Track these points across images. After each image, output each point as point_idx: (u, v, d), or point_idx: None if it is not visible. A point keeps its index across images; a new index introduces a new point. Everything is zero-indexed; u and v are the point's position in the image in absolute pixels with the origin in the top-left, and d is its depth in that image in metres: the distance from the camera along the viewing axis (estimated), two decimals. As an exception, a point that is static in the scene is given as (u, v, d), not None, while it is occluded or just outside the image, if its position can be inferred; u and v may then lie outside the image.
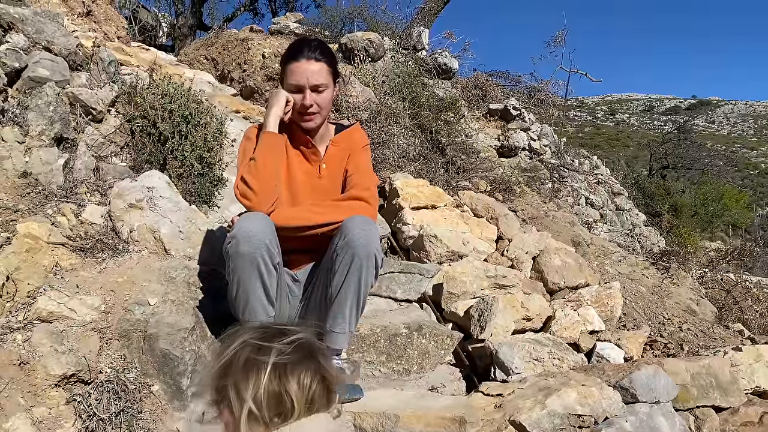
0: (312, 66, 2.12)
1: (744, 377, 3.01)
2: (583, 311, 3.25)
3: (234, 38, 6.31)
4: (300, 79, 2.12)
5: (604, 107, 73.26)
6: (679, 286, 4.62)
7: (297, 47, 2.17)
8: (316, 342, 1.05)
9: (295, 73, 2.12)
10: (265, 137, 2.11)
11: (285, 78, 2.17)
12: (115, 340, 2.04)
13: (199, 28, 12.01)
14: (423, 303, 3.17)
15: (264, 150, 2.09)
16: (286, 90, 2.16)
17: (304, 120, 2.18)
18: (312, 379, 0.98)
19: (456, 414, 2.07)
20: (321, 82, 2.15)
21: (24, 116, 2.72)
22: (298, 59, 2.13)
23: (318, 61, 2.14)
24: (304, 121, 2.18)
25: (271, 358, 0.97)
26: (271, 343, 0.99)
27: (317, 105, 2.15)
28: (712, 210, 18.85)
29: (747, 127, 66.10)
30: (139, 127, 3.15)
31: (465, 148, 5.92)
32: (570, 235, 4.94)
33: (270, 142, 2.11)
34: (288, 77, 2.14)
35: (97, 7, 4.95)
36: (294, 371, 0.97)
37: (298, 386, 0.96)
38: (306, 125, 2.20)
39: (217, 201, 3.29)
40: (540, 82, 9.06)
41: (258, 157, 2.07)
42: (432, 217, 3.97)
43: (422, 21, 8.07)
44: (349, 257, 2.00)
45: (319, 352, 1.03)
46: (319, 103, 2.15)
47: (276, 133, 2.13)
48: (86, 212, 2.52)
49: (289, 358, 0.97)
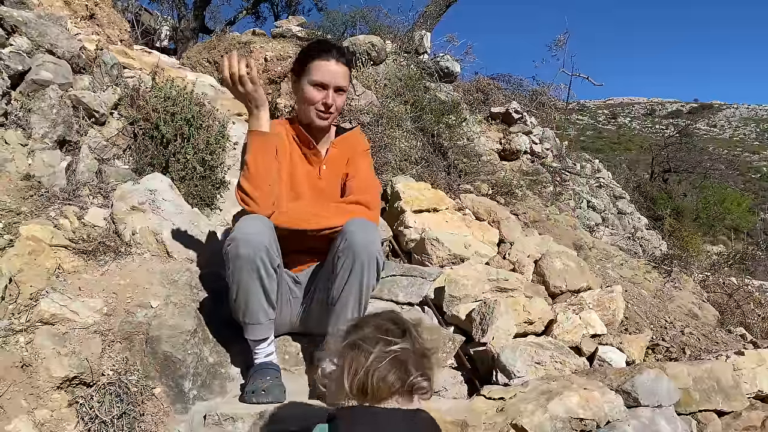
0: (340, 68, 2.19)
1: (746, 381, 3.00)
2: (585, 315, 3.25)
3: (236, 41, 6.34)
4: (326, 78, 2.16)
5: (605, 111, 73.23)
6: (681, 289, 4.61)
7: (326, 47, 2.22)
8: (414, 354, 1.28)
9: (322, 71, 2.16)
10: (253, 139, 2.08)
11: (308, 73, 2.18)
12: (118, 342, 2.04)
13: (202, 31, 12.05)
14: (425, 306, 3.17)
15: (254, 153, 2.07)
16: (309, 84, 2.18)
17: (320, 117, 2.22)
18: (390, 381, 1.23)
19: (458, 417, 2.07)
20: (344, 85, 2.22)
21: (27, 119, 2.73)
22: (328, 59, 2.18)
23: (344, 65, 2.22)
24: (321, 118, 2.22)
25: (371, 365, 1.24)
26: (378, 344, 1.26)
27: (336, 106, 2.21)
28: (714, 214, 18.79)
29: (749, 130, 66.01)
30: (142, 129, 3.16)
31: (467, 151, 5.92)
32: (572, 238, 4.94)
33: (258, 144, 2.08)
34: (313, 73, 2.17)
35: (100, 11, 4.97)
36: (379, 372, 1.23)
37: (386, 390, 1.23)
38: (320, 123, 2.24)
39: (219, 204, 3.30)
40: (542, 86, 9.09)
41: (249, 161, 2.06)
42: (434, 220, 3.97)
43: (424, 24, 8.08)
44: (350, 260, 2.01)
45: (410, 362, 1.26)
46: (337, 104, 2.21)
47: (264, 131, 2.09)
48: (89, 215, 2.52)
49: (386, 369, 1.23)
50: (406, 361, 1.25)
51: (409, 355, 1.26)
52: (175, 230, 2.58)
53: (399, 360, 1.25)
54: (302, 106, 2.24)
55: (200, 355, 2.12)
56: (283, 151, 2.23)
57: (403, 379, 1.24)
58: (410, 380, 1.24)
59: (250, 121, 2.10)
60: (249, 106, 2.08)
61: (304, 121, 2.27)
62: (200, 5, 11.63)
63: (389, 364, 1.24)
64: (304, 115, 2.25)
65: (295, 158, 2.28)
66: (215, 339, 2.24)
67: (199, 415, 1.97)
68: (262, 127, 2.08)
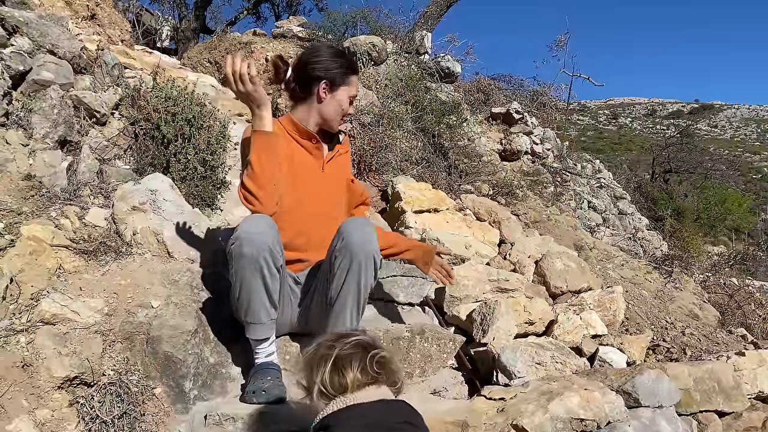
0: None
1: (747, 382, 3.01)
2: (586, 315, 3.25)
3: (237, 42, 6.35)
4: (355, 92, 2.38)
5: (606, 111, 73.17)
6: (681, 290, 4.61)
7: (354, 62, 2.48)
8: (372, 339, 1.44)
9: (355, 85, 2.37)
10: (257, 138, 2.09)
11: (347, 87, 2.32)
12: (118, 342, 2.04)
13: (203, 31, 12.07)
14: (425, 306, 3.17)
15: (257, 152, 2.07)
16: (347, 96, 2.33)
17: (341, 122, 2.40)
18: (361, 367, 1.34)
19: (458, 418, 2.07)
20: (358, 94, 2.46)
21: (28, 119, 2.74)
22: (357, 74, 2.41)
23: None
24: (341, 123, 2.40)
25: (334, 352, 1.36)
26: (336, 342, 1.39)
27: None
28: (715, 214, 18.79)
29: (750, 131, 65.97)
30: (143, 130, 3.16)
31: (467, 151, 5.93)
32: (572, 238, 4.94)
33: (261, 143, 2.08)
34: (350, 88, 2.34)
35: (101, 11, 4.98)
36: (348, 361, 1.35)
37: (352, 372, 1.34)
38: (342, 127, 2.44)
39: (220, 204, 3.30)
40: (542, 86, 9.09)
41: (253, 160, 2.06)
42: (434, 220, 3.97)
43: (425, 25, 8.08)
44: (348, 259, 2.01)
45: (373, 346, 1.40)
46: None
47: (267, 131, 2.10)
48: (89, 215, 2.52)
49: (348, 352, 1.36)
50: (367, 344, 1.40)
51: (369, 341, 1.42)
52: (176, 230, 2.58)
53: (361, 344, 1.40)
54: (333, 113, 2.33)
55: (201, 356, 2.12)
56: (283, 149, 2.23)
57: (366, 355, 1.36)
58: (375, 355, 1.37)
59: (252, 121, 2.12)
60: (251, 105, 2.09)
61: (323, 126, 2.34)
62: (201, 5, 11.64)
63: (352, 348, 1.38)
64: (328, 121, 2.34)
65: (295, 153, 2.28)
66: (216, 339, 2.24)
67: (200, 415, 1.98)
68: (265, 126, 2.09)
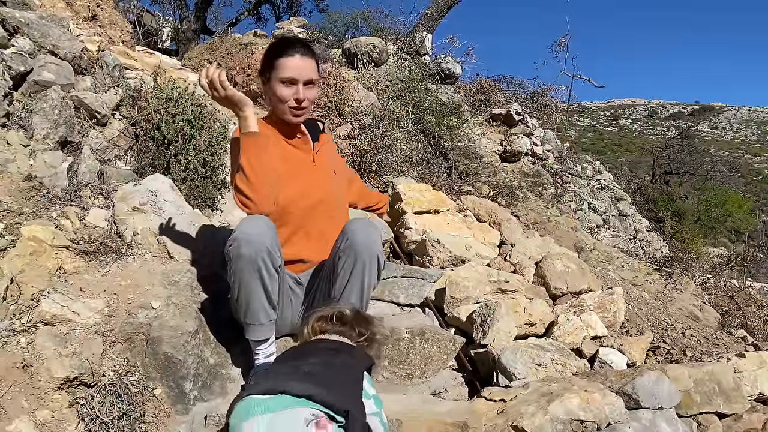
0: (305, 62, 2.16)
1: (747, 384, 3.01)
2: (586, 317, 3.25)
3: (238, 43, 6.35)
4: (294, 73, 2.13)
5: (606, 112, 73.19)
6: (682, 291, 4.61)
7: (286, 44, 2.19)
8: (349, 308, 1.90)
9: (288, 68, 2.14)
10: (245, 141, 2.05)
11: (275, 72, 2.16)
12: (119, 343, 2.04)
13: (203, 32, 12.08)
14: (425, 308, 3.17)
15: (247, 154, 2.04)
16: (278, 82, 2.15)
17: (294, 114, 2.19)
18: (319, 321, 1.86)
19: (458, 419, 2.07)
20: (313, 77, 2.18)
21: (29, 120, 2.74)
22: (292, 54, 2.15)
23: (310, 58, 2.18)
24: (295, 115, 2.20)
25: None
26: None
27: (308, 100, 2.18)
28: (715, 216, 18.79)
29: (750, 132, 65.93)
30: (143, 130, 3.16)
31: (468, 152, 5.93)
32: (573, 240, 4.94)
33: (249, 144, 2.05)
34: (280, 71, 2.14)
35: (101, 12, 4.98)
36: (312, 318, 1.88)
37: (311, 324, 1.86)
38: (295, 119, 2.22)
39: (221, 204, 3.30)
40: (543, 88, 9.09)
41: (244, 163, 2.03)
42: (435, 221, 3.97)
43: (425, 26, 8.10)
44: (352, 259, 2.01)
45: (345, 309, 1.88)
46: (309, 97, 2.18)
47: (254, 131, 2.07)
48: (90, 215, 2.53)
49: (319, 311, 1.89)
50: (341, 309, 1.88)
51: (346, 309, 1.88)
52: (176, 231, 2.58)
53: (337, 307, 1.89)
54: (277, 105, 2.21)
55: (201, 356, 2.12)
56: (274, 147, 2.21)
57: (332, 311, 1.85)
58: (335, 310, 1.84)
59: (239, 124, 2.09)
60: (233, 108, 2.07)
61: (282, 120, 2.25)
62: (202, 6, 11.65)
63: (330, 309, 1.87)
64: (278, 114, 2.23)
65: (284, 150, 2.26)
66: (216, 340, 2.24)
67: (200, 415, 1.98)
68: (250, 127, 2.06)
